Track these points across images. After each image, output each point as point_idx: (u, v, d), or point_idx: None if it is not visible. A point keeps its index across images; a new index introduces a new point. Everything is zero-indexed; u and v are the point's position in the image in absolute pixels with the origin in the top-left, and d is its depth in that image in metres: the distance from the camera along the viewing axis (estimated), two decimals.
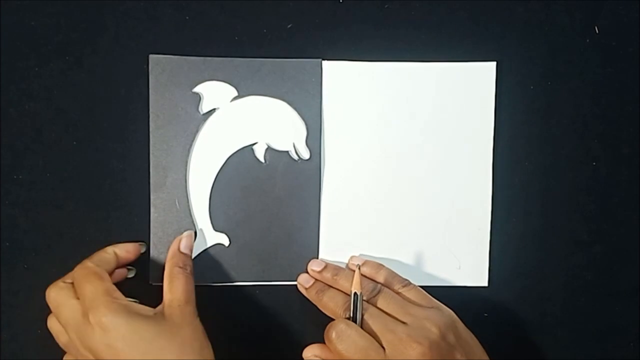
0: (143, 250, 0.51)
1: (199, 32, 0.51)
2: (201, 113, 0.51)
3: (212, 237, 0.51)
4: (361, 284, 0.47)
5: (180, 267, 0.48)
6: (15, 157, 0.51)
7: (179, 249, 0.50)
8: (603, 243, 0.53)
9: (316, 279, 0.51)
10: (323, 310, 0.49)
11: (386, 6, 0.51)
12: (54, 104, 0.51)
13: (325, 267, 0.50)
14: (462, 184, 0.52)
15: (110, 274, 0.49)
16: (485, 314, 0.53)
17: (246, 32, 0.51)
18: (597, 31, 0.52)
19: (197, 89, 0.50)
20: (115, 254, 0.50)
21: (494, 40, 0.52)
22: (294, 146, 0.51)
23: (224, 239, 0.51)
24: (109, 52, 0.51)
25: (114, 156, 0.51)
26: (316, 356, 0.47)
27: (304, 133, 0.51)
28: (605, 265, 0.53)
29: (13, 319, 0.51)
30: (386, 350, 0.44)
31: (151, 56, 0.50)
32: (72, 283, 0.47)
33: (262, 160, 0.51)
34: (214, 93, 0.51)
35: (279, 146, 0.51)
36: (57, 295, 0.46)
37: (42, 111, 0.51)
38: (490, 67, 0.52)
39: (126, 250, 0.50)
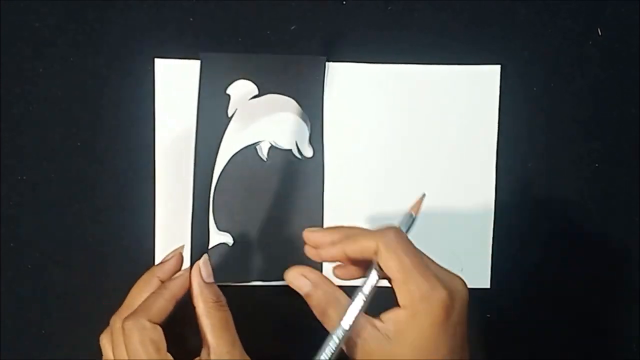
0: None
1: (202, 34, 0.51)
2: (229, 115, 0.50)
3: (215, 237, 0.51)
4: None
5: (215, 302, 0.42)
6: (19, 158, 0.51)
7: (203, 280, 0.43)
8: (605, 244, 0.53)
9: None
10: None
11: (389, 8, 0.51)
12: (57, 105, 0.51)
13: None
14: (465, 186, 0.52)
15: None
16: (488, 315, 0.53)
17: (249, 34, 0.51)
18: (599, 33, 0.52)
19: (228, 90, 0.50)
20: (174, 296, 0.42)
21: (496, 42, 0.52)
22: (297, 144, 0.51)
23: (227, 239, 0.51)
24: (113, 53, 0.51)
25: (118, 157, 0.51)
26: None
27: (308, 131, 0.51)
28: (607, 267, 0.54)
29: (15, 319, 0.52)
30: None
31: (157, 60, 0.50)
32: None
33: (265, 159, 0.51)
34: (239, 92, 0.50)
35: (282, 144, 0.51)
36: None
37: (46, 112, 0.51)
38: (495, 70, 0.52)
39: (183, 287, 0.43)
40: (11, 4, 0.50)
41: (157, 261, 0.51)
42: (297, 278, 0.42)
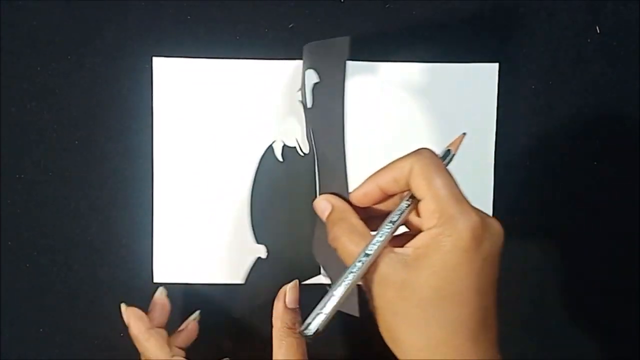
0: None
1: (200, 32, 0.51)
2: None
3: (252, 251, 0.51)
4: None
5: (288, 328, 0.43)
6: (17, 157, 0.51)
7: (285, 305, 0.44)
8: (604, 242, 0.53)
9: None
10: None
11: (387, 6, 0.51)
12: (55, 103, 0.51)
13: None
14: (462, 185, 0.52)
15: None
16: None
17: (247, 32, 0.51)
18: (598, 31, 0.52)
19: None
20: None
21: (495, 39, 0.52)
22: (297, 141, 0.51)
23: (262, 251, 0.51)
24: (110, 51, 0.51)
25: (116, 155, 0.51)
26: None
27: (303, 126, 0.51)
28: (606, 265, 0.54)
29: (14, 318, 0.52)
30: None
31: (155, 59, 0.50)
32: None
33: (281, 159, 0.51)
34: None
35: (289, 142, 0.51)
36: None
37: (43, 110, 0.51)
38: (493, 68, 0.52)
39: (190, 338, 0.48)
40: (9, 2, 0.50)
41: (155, 262, 0.51)
42: (319, 202, 0.41)
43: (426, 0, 0.51)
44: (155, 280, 0.52)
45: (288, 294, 0.44)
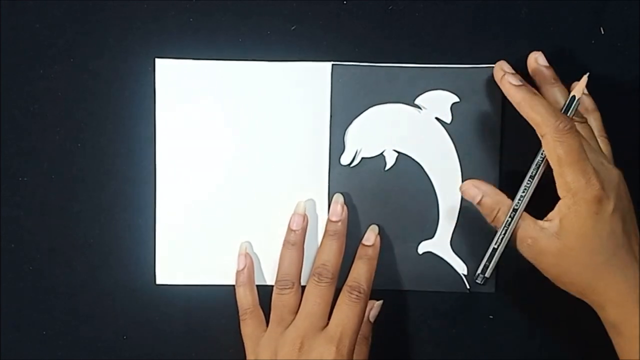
0: None
1: (203, 34, 0.51)
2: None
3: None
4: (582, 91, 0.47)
5: (364, 337, 0.50)
6: (20, 159, 0.51)
7: (369, 319, 0.51)
8: None
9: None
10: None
11: (390, 7, 0.51)
12: (58, 105, 0.51)
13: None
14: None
15: None
16: (491, 317, 0.53)
17: (250, 34, 0.51)
18: (602, 32, 0.52)
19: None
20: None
21: (499, 41, 0.52)
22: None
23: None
24: (113, 53, 0.51)
25: (119, 158, 0.51)
26: None
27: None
28: None
29: (16, 319, 0.52)
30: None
31: (157, 60, 0.50)
32: None
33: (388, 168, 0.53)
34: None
35: (369, 152, 0.53)
36: None
37: (46, 113, 0.51)
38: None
39: None
40: (11, 3, 0.50)
41: (158, 263, 0.51)
42: (470, 188, 0.48)
43: (429, 1, 0.51)
44: (157, 282, 0.52)
45: (374, 309, 0.51)
